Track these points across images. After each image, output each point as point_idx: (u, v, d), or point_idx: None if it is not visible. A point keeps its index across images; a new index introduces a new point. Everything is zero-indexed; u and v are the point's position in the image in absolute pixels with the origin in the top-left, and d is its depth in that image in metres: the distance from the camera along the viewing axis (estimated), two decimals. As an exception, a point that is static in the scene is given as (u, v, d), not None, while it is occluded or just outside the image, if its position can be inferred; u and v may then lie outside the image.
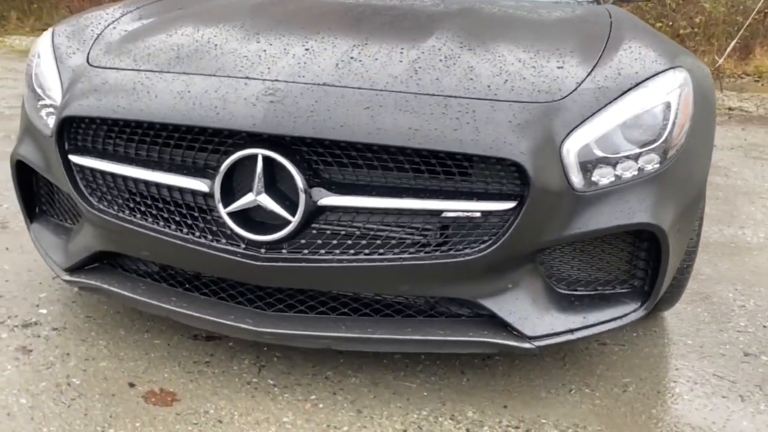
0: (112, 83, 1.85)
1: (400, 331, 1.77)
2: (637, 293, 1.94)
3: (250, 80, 1.76)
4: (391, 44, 1.95)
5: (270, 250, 1.73)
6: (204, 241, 1.77)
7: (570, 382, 2.04)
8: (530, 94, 1.77)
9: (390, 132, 1.63)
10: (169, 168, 1.79)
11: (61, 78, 2.02)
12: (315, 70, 1.79)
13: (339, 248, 1.72)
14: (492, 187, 1.68)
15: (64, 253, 2.08)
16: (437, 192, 1.68)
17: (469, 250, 1.70)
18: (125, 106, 1.76)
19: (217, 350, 2.09)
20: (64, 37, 2.18)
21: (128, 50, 2.01)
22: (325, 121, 1.64)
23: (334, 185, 1.69)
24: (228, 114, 1.67)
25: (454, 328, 1.79)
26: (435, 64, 1.85)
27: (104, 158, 1.86)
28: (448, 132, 1.63)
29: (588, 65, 1.92)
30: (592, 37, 2.16)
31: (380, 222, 1.72)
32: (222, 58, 1.87)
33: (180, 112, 1.71)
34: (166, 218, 1.81)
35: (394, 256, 1.70)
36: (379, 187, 1.69)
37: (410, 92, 1.73)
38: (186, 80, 1.79)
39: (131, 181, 1.85)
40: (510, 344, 1.78)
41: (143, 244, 1.86)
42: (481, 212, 1.67)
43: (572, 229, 1.76)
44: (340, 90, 1.72)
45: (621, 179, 1.78)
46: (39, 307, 2.29)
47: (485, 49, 1.97)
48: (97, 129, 1.86)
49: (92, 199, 1.89)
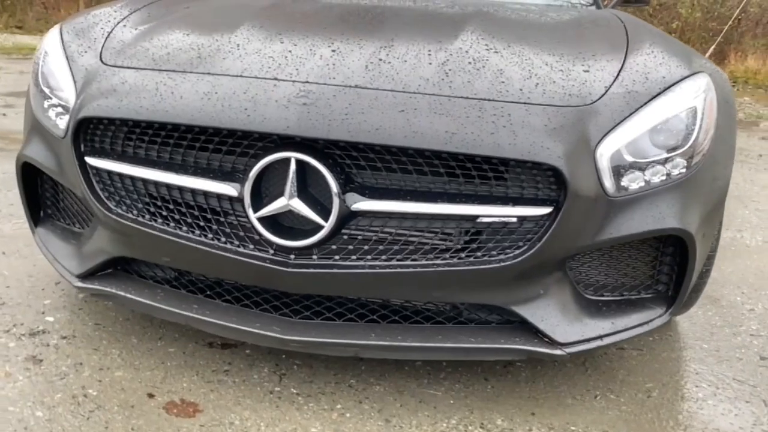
0: (132, 83, 1.79)
1: (431, 339, 1.74)
2: (661, 298, 1.94)
3: (279, 82, 1.71)
4: (417, 46, 1.92)
5: (300, 256, 1.69)
6: (230, 247, 1.72)
7: (594, 387, 2.03)
8: (562, 98, 1.75)
9: (426, 135, 1.59)
10: (194, 171, 1.73)
11: (74, 77, 1.95)
12: (345, 72, 1.75)
13: (371, 254, 1.68)
14: (527, 191, 1.66)
15: (75, 258, 2.00)
16: (471, 197, 1.65)
17: (503, 256, 1.67)
18: (149, 107, 1.70)
19: (234, 358, 2.03)
20: (74, 35, 2.11)
21: (145, 49, 1.95)
22: (360, 124, 1.60)
23: (367, 189, 1.65)
24: (259, 116, 1.62)
25: (486, 336, 1.76)
26: (464, 66, 1.82)
27: (123, 161, 1.79)
28: (485, 136, 1.60)
29: (613, 69, 1.91)
30: (610, 40, 2.15)
31: (413, 227, 1.68)
32: (247, 58, 1.82)
33: (208, 114, 1.65)
34: (189, 223, 1.76)
35: (428, 262, 1.67)
36: (412, 192, 1.66)
37: (443, 95, 1.70)
38: (212, 81, 1.74)
39: (152, 185, 1.78)
40: (541, 351, 1.76)
41: (164, 249, 1.80)
42: (517, 217, 1.65)
43: (605, 235, 1.75)
44: (373, 92, 1.69)
45: (650, 184, 1.77)
46: (45, 315, 2.21)
47: (511, 52, 1.95)
48: (116, 130, 1.80)
49: (109, 203, 1.83)
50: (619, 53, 2.02)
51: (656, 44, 2.11)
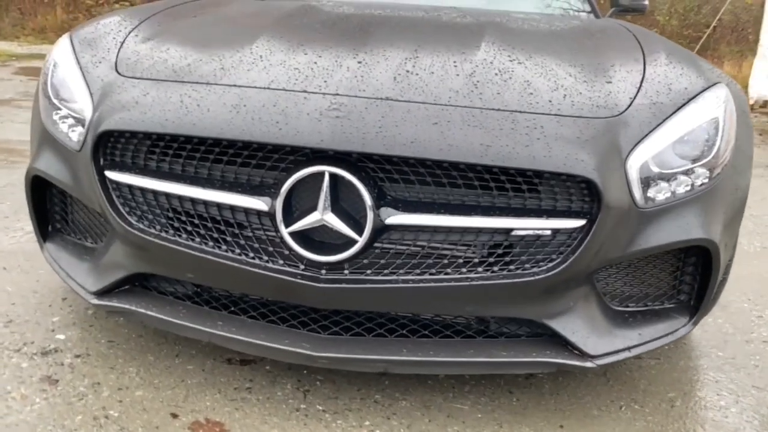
0: (155, 95, 1.75)
1: (463, 354, 1.72)
2: (684, 307, 1.94)
3: (309, 94, 1.68)
4: (442, 57, 1.91)
5: (330, 270, 1.66)
6: (259, 262, 1.68)
7: (617, 398, 2.02)
8: (591, 109, 1.75)
9: (462, 148, 1.58)
10: (221, 185, 1.69)
11: (90, 89, 1.90)
12: (374, 84, 1.73)
13: (403, 268, 1.66)
14: (560, 204, 1.65)
15: (91, 275, 1.95)
16: (505, 209, 1.64)
17: (536, 269, 1.66)
18: (174, 120, 1.66)
19: (255, 375, 1.99)
20: (87, 45, 2.06)
21: (163, 60, 1.91)
22: (395, 137, 1.58)
23: (400, 203, 1.63)
24: (291, 130, 1.59)
25: (517, 349, 1.75)
26: (491, 77, 1.81)
27: (146, 174, 1.75)
28: (519, 148, 1.59)
29: (635, 80, 1.92)
30: (624, 51, 2.16)
31: (445, 240, 1.66)
32: (272, 70, 1.79)
33: (238, 128, 1.62)
34: (215, 238, 1.72)
35: (461, 276, 1.65)
36: (445, 205, 1.64)
37: (475, 107, 1.68)
38: (239, 93, 1.70)
39: (176, 199, 1.74)
40: (573, 364, 1.75)
41: (188, 265, 1.75)
42: (551, 230, 1.64)
43: (634, 247, 1.75)
44: (405, 105, 1.67)
45: (675, 195, 1.77)
46: (55, 333, 2.14)
47: (534, 63, 1.95)
48: (139, 144, 1.75)
49: (131, 217, 1.78)
50: (637, 64, 2.03)
51: (672, 55, 2.13)
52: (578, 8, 3.42)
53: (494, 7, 3.21)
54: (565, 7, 3.48)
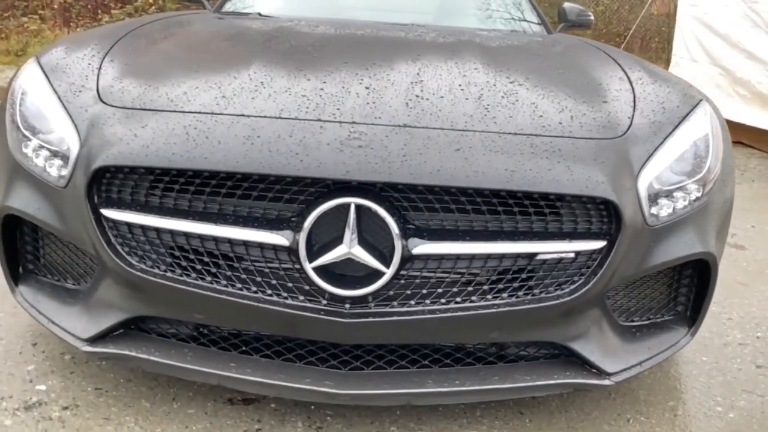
0: (155, 127, 1.64)
1: (488, 381, 1.70)
2: (681, 319, 2.00)
3: (325, 123, 1.62)
4: (445, 80, 1.89)
5: (355, 304, 1.60)
6: (277, 299, 1.61)
7: (623, 411, 2.05)
8: (598, 130, 1.77)
9: (488, 175, 1.56)
10: (234, 221, 1.60)
11: (73, 120, 1.76)
12: (388, 111, 1.69)
13: (429, 298, 1.62)
14: (581, 226, 1.66)
15: (80, 320, 1.81)
16: (529, 234, 1.63)
17: (559, 292, 1.66)
18: (183, 154, 1.56)
19: (262, 414, 1.90)
20: (60, 72, 1.92)
21: (153, 88, 1.80)
22: (421, 165, 1.54)
23: (425, 232, 1.59)
24: (313, 161, 1.53)
25: (539, 373, 1.74)
26: (499, 101, 1.81)
27: (148, 212, 1.63)
28: (543, 172, 1.59)
29: (628, 99, 1.96)
30: (604, 69, 2.21)
31: (470, 267, 1.64)
32: (279, 98, 1.72)
33: (255, 160, 1.54)
34: (228, 276, 1.63)
35: (487, 303, 1.63)
36: (469, 232, 1.62)
37: (492, 131, 1.67)
38: (249, 124, 1.62)
39: (182, 236, 1.64)
40: (592, 383, 1.76)
41: (198, 305, 1.65)
42: (575, 252, 1.64)
43: (646, 264, 1.78)
44: (423, 131, 1.63)
45: (675, 211, 1.81)
46: (34, 383, 1.98)
47: (532, 84, 1.96)
48: (140, 179, 1.64)
49: (131, 258, 1.66)
50: (623, 82, 2.08)
51: (651, 72, 2.20)
52: (531, 24, 3.49)
53: (449, 23, 3.23)
54: (516, 21, 3.55)
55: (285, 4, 3.34)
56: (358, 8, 3.54)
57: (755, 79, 7.99)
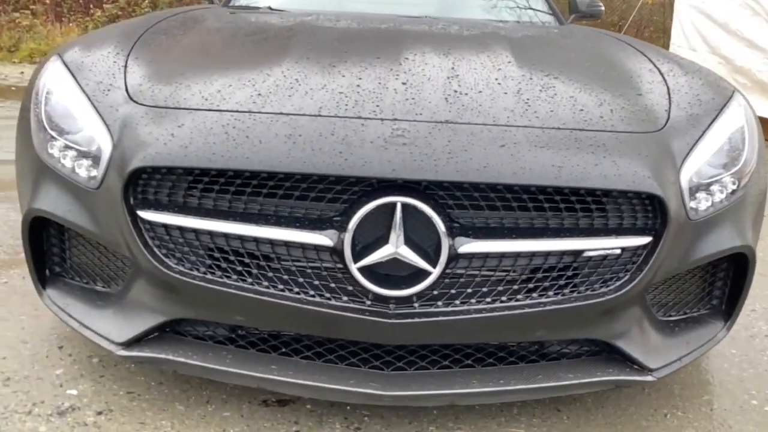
0: (192, 126, 1.60)
1: (532, 380, 1.68)
2: (717, 312, 1.98)
3: (366, 120, 1.59)
4: (481, 74, 1.86)
5: (399, 305, 1.57)
6: (320, 300, 1.58)
7: (659, 406, 2.04)
8: (639, 124, 1.75)
9: (535, 171, 1.53)
10: (275, 221, 1.57)
11: (104, 119, 1.72)
12: (429, 107, 1.66)
13: (474, 297, 1.60)
14: (626, 221, 1.64)
15: (114, 323, 1.77)
16: (575, 230, 1.61)
17: (605, 289, 1.64)
18: (223, 154, 1.53)
19: (299, 416, 1.87)
20: (85, 70, 1.87)
21: (185, 86, 1.76)
22: (467, 162, 1.52)
23: (470, 230, 1.57)
24: (358, 160, 1.49)
25: (582, 370, 1.72)
26: (538, 94, 1.78)
27: (186, 213, 1.60)
28: (590, 168, 1.57)
29: (661, 91, 1.94)
30: (631, 61, 2.19)
31: (515, 265, 1.61)
32: (316, 95, 1.68)
33: (298, 159, 1.50)
34: (270, 277, 1.60)
35: (533, 302, 1.61)
36: (515, 229, 1.59)
37: (535, 126, 1.64)
38: (289, 122, 1.59)
39: (222, 238, 1.60)
40: (635, 379, 1.75)
41: (238, 307, 1.62)
42: (621, 249, 1.62)
43: (688, 259, 1.76)
44: (466, 127, 1.60)
45: (714, 205, 1.80)
46: (64, 388, 1.94)
47: (567, 77, 1.94)
48: (178, 180, 1.60)
49: (169, 260, 1.63)
50: (653, 74, 2.06)
51: (681, 64, 2.18)
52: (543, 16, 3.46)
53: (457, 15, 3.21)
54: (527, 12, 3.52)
55: None
56: (365, 1, 3.51)
57: (755, 67, 7.99)
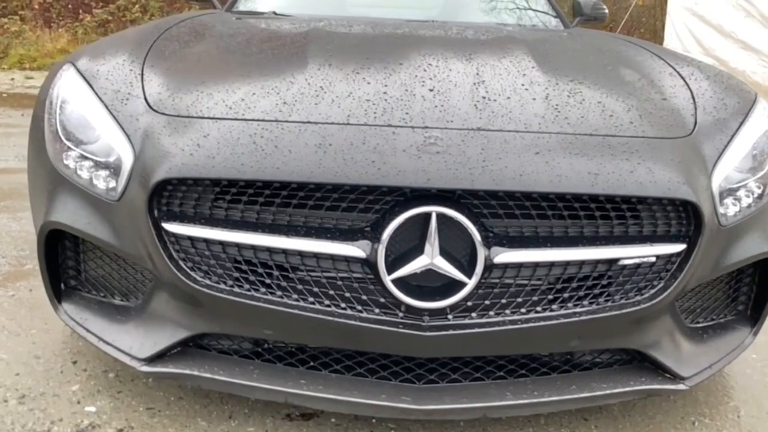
0: (218, 136, 1.56)
1: (566, 391, 1.65)
2: (742, 318, 1.96)
3: (396, 128, 1.56)
4: (506, 80, 1.83)
5: (433, 317, 1.54)
6: (351, 313, 1.54)
7: (686, 414, 2.01)
8: (669, 129, 1.73)
9: (571, 178, 1.50)
10: (306, 233, 1.53)
11: (125, 129, 1.68)
12: (459, 114, 1.63)
13: (508, 308, 1.56)
14: (660, 229, 1.61)
15: (135, 338, 1.73)
16: (609, 238, 1.58)
17: (639, 297, 1.61)
18: (253, 165, 1.49)
19: (323, 430, 1.83)
20: (102, 79, 1.83)
21: (207, 95, 1.72)
22: (502, 170, 1.49)
23: (505, 240, 1.54)
24: (392, 169, 1.46)
25: (615, 380, 1.70)
26: (566, 100, 1.75)
27: (213, 225, 1.56)
28: (625, 175, 1.54)
29: (685, 96, 1.92)
30: (646, 63, 2.17)
31: (549, 275, 1.58)
32: (343, 103, 1.65)
33: (329, 170, 1.47)
34: (300, 290, 1.56)
35: (568, 311, 1.58)
36: (549, 238, 1.56)
37: (568, 133, 1.62)
38: (318, 131, 1.55)
39: (250, 250, 1.56)
40: (668, 388, 1.73)
41: (267, 321, 1.58)
42: (656, 256, 1.59)
43: (720, 265, 1.74)
44: (498, 134, 1.58)
45: (742, 210, 1.78)
46: (82, 405, 1.89)
47: (591, 81, 1.92)
48: (204, 191, 1.56)
49: (195, 273, 1.58)
50: (673, 78, 2.04)
51: (702, 67, 2.16)
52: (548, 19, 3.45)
53: (471, 19, 3.19)
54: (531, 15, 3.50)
55: (298, 3, 3.27)
56: (367, 5, 3.48)
57: (750, 69, 8.02)
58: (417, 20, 2.89)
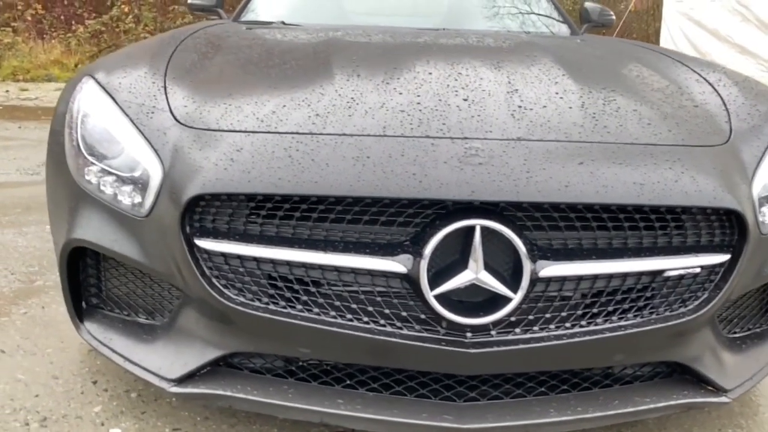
0: (252, 150, 1.52)
1: (610, 406, 1.60)
2: (776, 327, 1.93)
3: (435, 139, 1.52)
4: (540, 88, 1.80)
5: (476, 333, 1.50)
6: (391, 330, 1.50)
7: (722, 425, 1.98)
8: (707, 137, 1.70)
9: (617, 189, 1.47)
10: (343, 248, 1.49)
11: (152, 144, 1.63)
12: (497, 124, 1.59)
13: (552, 323, 1.52)
14: (704, 239, 1.58)
15: (163, 358, 1.68)
16: (653, 250, 1.55)
17: (683, 309, 1.58)
18: (290, 179, 1.44)
19: (357, 450, 1.78)
20: (125, 92, 1.78)
21: (236, 107, 1.68)
22: (547, 181, 1.45)
23: (549, 252, 1.50)
24: (434, 182, 1.42)
25: (658, 393, 1.66)
26: (602, 108, 1.72)
27: (247, 241, 1.51)
28: (670, 184, 1.51)
29: (716, 102, 1.89)
30: (670, 70, 2.15)
31: (594, 287, 1.55)
32: (377, 114, 1.61)
33: (369, 183, 1.43)
34: (338, 307, 1.51)
35: (613, 325, 1.54)
36: (594, 250, 1.52)
37: (609, 142, 1.59)
38: (354, 143, 1.51)
39: (286, 266, 1.52)
40: (711, 401, 1.69)
41: (304, 339, 1.54)
42: (701, 267, 1.56)
43: (762, 274, 1.71)
44: (540, 144, 1.54)
45: None
46: (106, 426, 1.84)
47: (622, 89, 1.89)
48: (238, 206, 1.52)
49: (229, 291, 1.54)
50: (702, 84, 2.01)
51: (728, 73, 2.14)
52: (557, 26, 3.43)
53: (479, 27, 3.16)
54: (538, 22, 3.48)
55: (302, 13, 3.24)
56: (368, 14, 3.46)
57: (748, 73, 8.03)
58: (428, 28, 2.86)
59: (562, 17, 3.54)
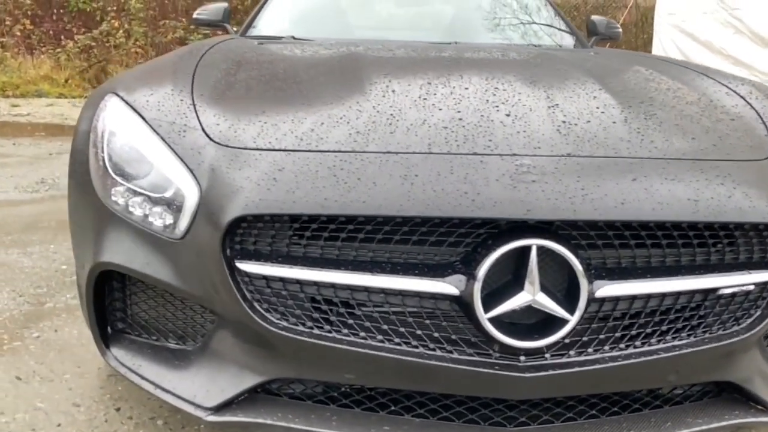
0: (295, 169, 1.47)
1: (662, 428, 1.56)
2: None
3: (483, 156, 1.48)
4: (580, 103, 1.76)
5: (529, 356, 1.45)
6: (441, 354, 1.45)
7: (764, 444, 1.94)
8: (750, 151, 1.67)
9: (672, 206, 1.43)
10: (391, 270, 1.44)
11: (186, 163, 1.58)
12: (545, 140, 1.55)
13: (606, 344, 1.48)
14: (756, 255, 1.54)
15: (198, 385, 1.61)
16: (707, 267, 1.51)
17: (737, 327, 1.54)
18: (337, 199, 1.39)
19: (398, 477, 1.72)
20: (153, 110, 1.73)
21: (272, 125, 1.63)
22: (603, 199, 1.41)
23: (604, 272, 1.46)
24: (487, 200, 1.38)
25: (710, 414, 1.61)
26: (645, 123, 1.69)
27: (290, 263, 1.46)
28: (724, 200, 1.47)
29: (751, 115, 1.87)
30: (697, 83, 2.13)
31: (647, 307, 1.50)
32: (418, 131, 1.57)
33: (419, 202, 1.38)
34: (385, 330, 1.46)
35: (667, 345, 1.50)
36: (649, 269, 1.48)
37: (659, 157, 1.55)
38: (400, 161, 1.47)
39: (330, 289, 1.46)
40: (763, 420, 1.64)
41: (350, 365, 1.48)
42: (755, 284, 1.52)
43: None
44: (591, 160, 1.50)
45: None
46: (135, 457, 1.77)
47: (659, 103, 1.86)
48: (281, 228, 1.46)
49: (271, 315, 1.48)
50: (733, 97, 1.99)
51: (756, 85, 2.12)
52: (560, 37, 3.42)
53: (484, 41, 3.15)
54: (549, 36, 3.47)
55: (311, 27, 3.21)
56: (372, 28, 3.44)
57: (743, 84, 8.07)
58: (440, 42, 2.84)
59: (570, 30, 3.53)
